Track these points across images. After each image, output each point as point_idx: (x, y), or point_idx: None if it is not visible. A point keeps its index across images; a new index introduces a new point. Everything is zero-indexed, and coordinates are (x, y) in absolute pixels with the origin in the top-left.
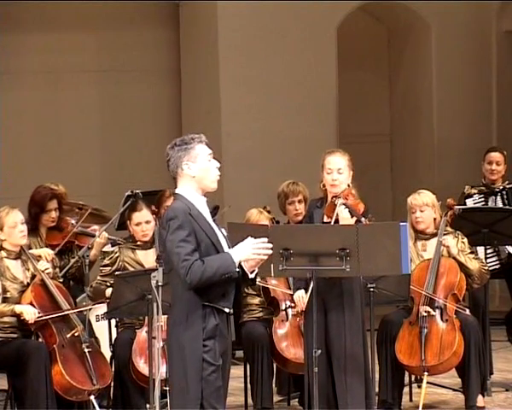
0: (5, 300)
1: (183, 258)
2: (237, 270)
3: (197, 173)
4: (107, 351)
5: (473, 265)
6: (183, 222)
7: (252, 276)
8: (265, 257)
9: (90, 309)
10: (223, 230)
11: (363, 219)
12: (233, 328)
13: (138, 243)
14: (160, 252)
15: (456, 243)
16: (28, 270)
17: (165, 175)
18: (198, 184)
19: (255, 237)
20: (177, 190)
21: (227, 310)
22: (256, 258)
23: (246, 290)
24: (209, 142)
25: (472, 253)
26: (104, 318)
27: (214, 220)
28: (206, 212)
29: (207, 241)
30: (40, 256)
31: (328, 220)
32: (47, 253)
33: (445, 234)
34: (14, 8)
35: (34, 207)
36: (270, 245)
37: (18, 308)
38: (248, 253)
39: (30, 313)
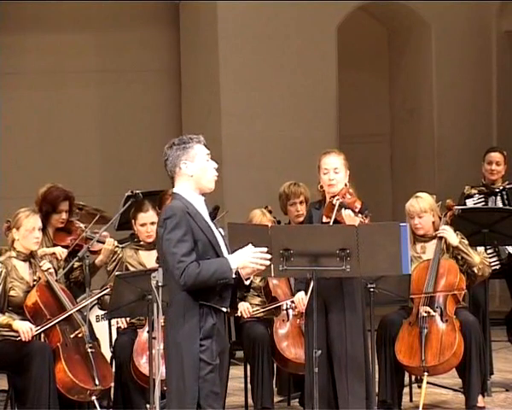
0: (11, 299)
1: (179, 259)
2: (234, 276)
3: (195, 173)
4: (107, 351)
5: (475, 255)
6: (181, 221)
7: (247, 283)
8: (262, 267)
9: (91, 309)
10: (221, 229)
11: (360, 215)
12: (233, 328)
13: (141, 243)
14: (158, 251)
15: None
16: (35, 273)
17: (165, 175)
18: (196, 184)
19: (255, 243)
20: (174, 190)
21: (224, 309)
22: (253, 267)
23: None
24: (209, 142)
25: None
26: (104, 318)
27: (212, 220)
28: (204, 211)
29: (205, 240)
30: (54, 253)
31: (327, 221)
32: (61, 251)
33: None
34: (14, 8)
35: (46, 205)
36: (269, 256)
37: (15, 325)
38: (246, 261)
39: (26, 332)
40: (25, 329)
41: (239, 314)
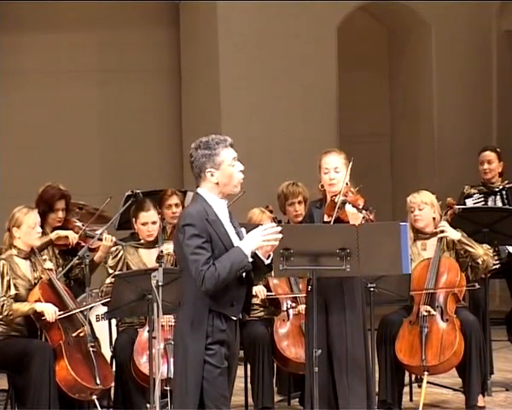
0: (14, 296)
1: (200, 268)
2: (250, 260)
3: (220, 180)
4: (107, 351)
5: (478, 247)
6: (200, 230)
7: (268, 262)
8: (276, 243)
9: (91, 309)
10: (242, 230)
11: (364, 211)
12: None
13: (142, 241)
14: (175, 253)
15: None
16: (36, 271)
17: (165, 175)
18: (220, 189)
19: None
20: (198, 190)
21: (234, 318)
22: (267, 245)
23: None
24: None
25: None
26: (104, 318)
27: (232, 222)
28: (224, 216)
29: (222, 248)
30: (67, 236)
31: (329, 219)
32: (73, 236)
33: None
34: (14, 8)
35: (42, 205)
36: (279, 228)
37: (39, 307)
38: (258, 241)
39: (51, 313)
40: (50, 311)
41: (254, 293)
